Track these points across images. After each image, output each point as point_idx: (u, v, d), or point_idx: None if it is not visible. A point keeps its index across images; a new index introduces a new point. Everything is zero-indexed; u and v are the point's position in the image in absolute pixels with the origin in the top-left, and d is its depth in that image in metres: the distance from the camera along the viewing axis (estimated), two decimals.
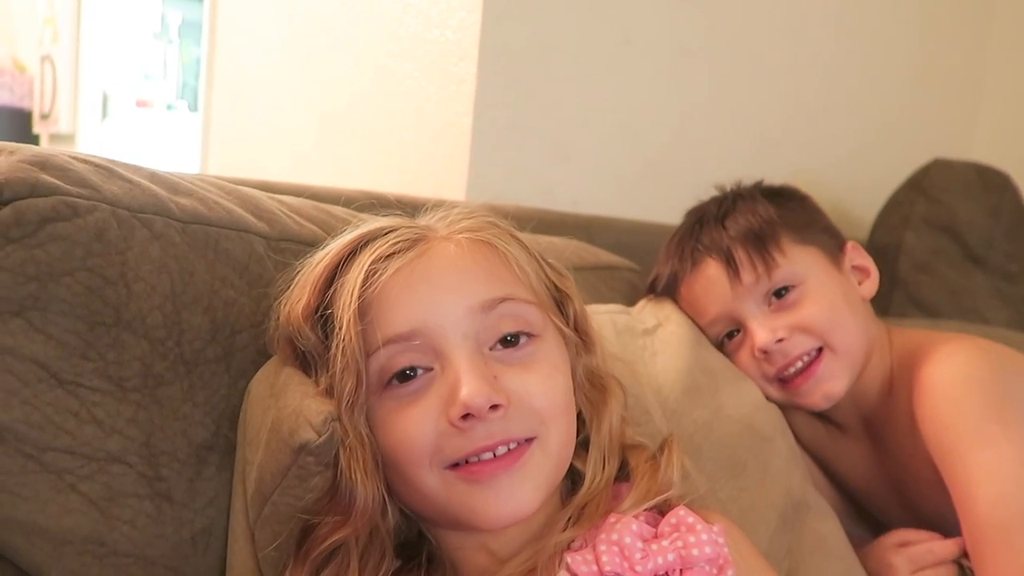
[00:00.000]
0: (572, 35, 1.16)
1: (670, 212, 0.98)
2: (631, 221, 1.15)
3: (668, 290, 0.88)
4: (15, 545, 0.51)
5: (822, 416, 0.90)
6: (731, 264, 0.82)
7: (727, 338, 0.85)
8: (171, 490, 0.56)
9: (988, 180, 1.31)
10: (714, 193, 0.95)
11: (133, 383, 0.54)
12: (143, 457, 0.55)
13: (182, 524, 0.56)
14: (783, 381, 0.83)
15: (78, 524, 0.52)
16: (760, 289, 0.82)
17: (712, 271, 0.83)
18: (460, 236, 0.56)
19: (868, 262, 0.91)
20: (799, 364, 0.82)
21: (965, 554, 0.77)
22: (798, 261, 0.83)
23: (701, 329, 0.85)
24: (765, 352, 0.81)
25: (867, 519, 0.96)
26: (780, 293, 0.82)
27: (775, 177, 1.51)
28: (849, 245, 0.90)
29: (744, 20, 1.39)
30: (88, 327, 0.52)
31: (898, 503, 0.89)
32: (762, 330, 0.81)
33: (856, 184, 1.64)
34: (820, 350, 0.82)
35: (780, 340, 0.81)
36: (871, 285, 0.90)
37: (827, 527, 0.79)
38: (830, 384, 0.82)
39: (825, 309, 0.82)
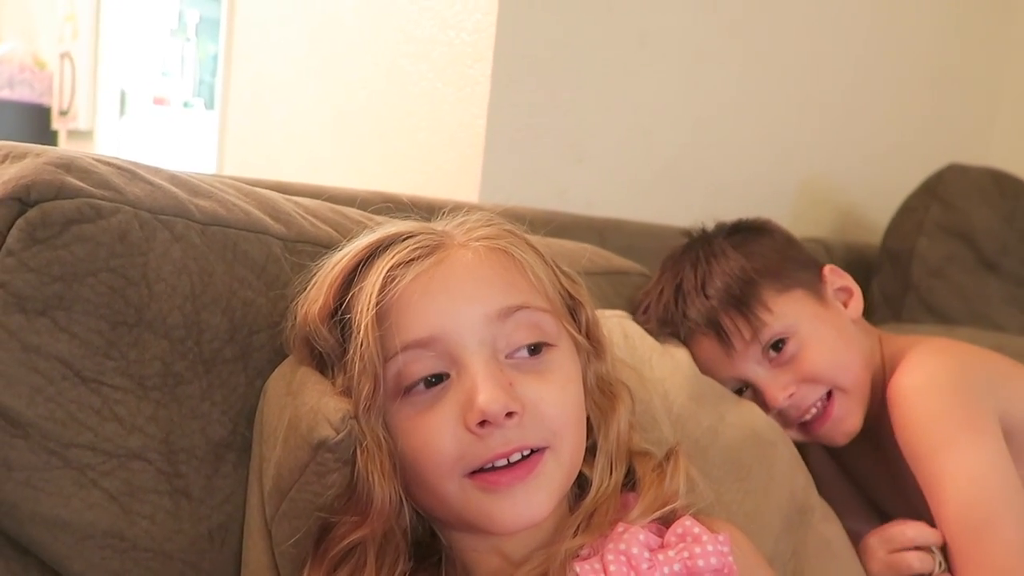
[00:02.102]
0: (587, 37, 1.17)
1: (684, 215, 0.99)
2: (645, 224, 1.16)
3: None
4: (39, 539, 0.53)
5: None
6: (721, 335, 0.83)
7: (736, 393, 0.86)
8: (189, 487, 0.57)
9: (1003, 186, 1.30)
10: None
11: (153, 382, 0.56)
12: (162, 454, 0.56)
13: (199, 520, 0.58)
14: (801, 425, 0.85)
15: (99, 519, 0.53)
16: (754, 350, 0.83)
17: (705, 345, 0.85)
18: (477, 243, 0.57)
19: (848, 281, 0.92)
20: (814, 411, 0.84)
21: (944, 545, 0.78)
22: (785, 313, 0.84)
23: None
24: (779, 411, 0.83)
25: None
26: (777, 346, 0.83)
27: (790, 181, 1.52)
28: (827, 270, 0.91)
29: (760, 24, 1.39)
30: (111, 326, 0.54)
31: (903, 504, 0.90)
32: (771, 389, 0.83)
33: (872, 189, 1.64)
34: (830, 393, 0.84)
35: (791, 395, 0.83)
36: (856, 303, 0.91)
37: (831, 530, 0.80)
38: (847, 423, 0.85)
39: (825, 354, 0.84)
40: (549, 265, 0.60)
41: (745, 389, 0.85)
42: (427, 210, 0.67)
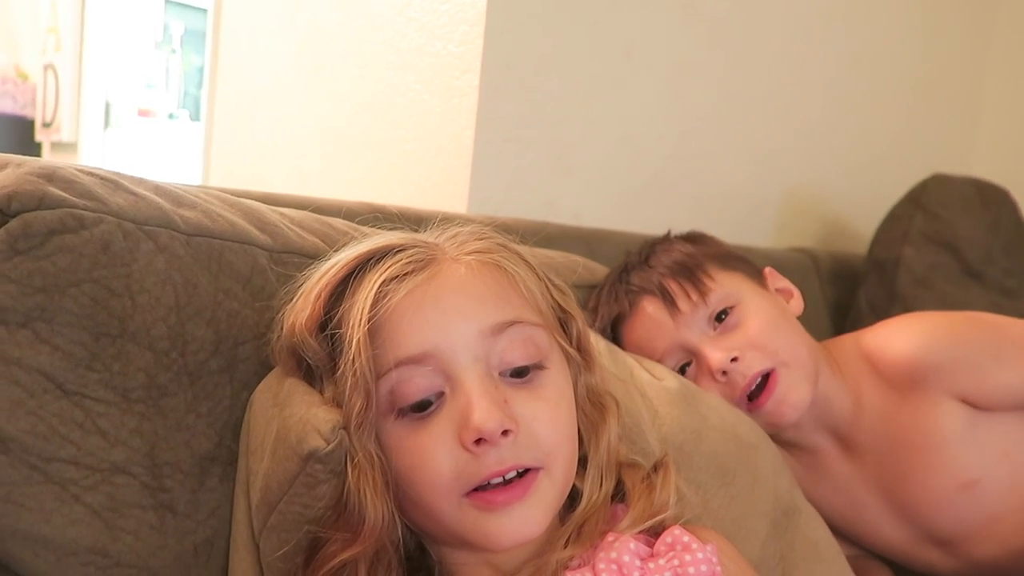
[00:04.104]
0: (574, 49, 1.17)
1: (671, 225, 0.99)
2: (632, 234, 1.16)
3: (609, 338, 0.88)
4: (19, 556, 0.52)
5: (800, 452, 0.91)
6: (666, 297, 0.84)
7: (680, 373, 0.85)
8: (174, 501, 0.56)
9: (986, 196, 1.31)
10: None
11: (137, 394, 0.55)
12: (147, 468, 0.55)
13: (184, 535, 0.57)
14: (748, 406, 0.83)
15: (82, 535, 0.52)
16: (700, 315, 0.83)
17: (650, 308, 0.85)
18: (470, 258, 0.57)
19: (787, 283, 0.94)
20: (759, 381, 0.83)
21: None
22: (728, 284, 0.85)
23: None
24: (724, 373, 0.82)
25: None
26: (720, 317, 0.84)
27: (776, 191, 1.53)
28: (767, 271, 0.93)
29: (745, 35, 1.40)
30: (93, 338, 0.53)
31: (891, 512, 0.90)
32: (715, 351, 0.82)
33: (856, 199, 1.65)
34: (773, 369, 0.83)
35: (734, 359, 0.81)
36: (797, 303, 0.93)
37: (817, 533, 0.80)
38: (793, 395, 0.82)
39: (768, 323, 0.84)
40: (541, 278, 0.60)
41: (687, 365, 0.84)
42: (415, 221, 0.66)
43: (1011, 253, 1.29)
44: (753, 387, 0.82)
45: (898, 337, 0.88)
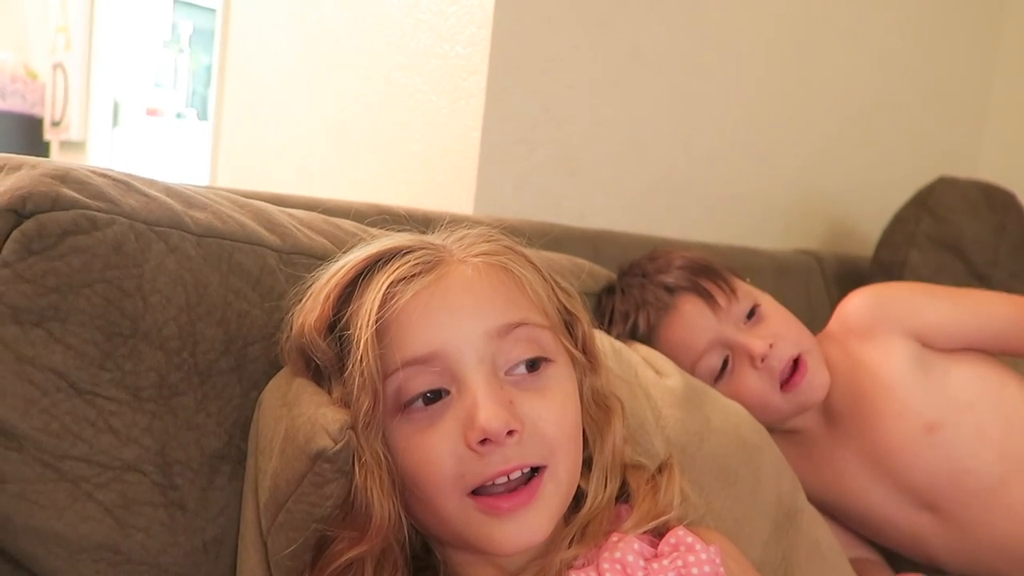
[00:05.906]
0: (581, 51, 1.18)
1: (677, 227, 1.00)
2: (638, 235, 1.16)
3: (645, 340, 0.91)
4: (32, 552, 0.52)
5: (785, 435, 0.94)
6: (703, 294, 0.89)
7: (718, 376, 0.89)
8: (184, 499, 0.57)
9: (993, 198, 1.31)
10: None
11: (149, 393, 0.56)
12: (157, 466, 0.56)
13: (194, 532, 0.57)
14: (781, 386, 0.90)
15: (94, 532, 0.53)
16: (735, 312, 0.90)
17: (690, 306, 0.90)
18: (477, 259, 0.57)
19: None
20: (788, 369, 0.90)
21: None
22: (742, 285, 0.92)
23: (690, 371, 0.88)
24: (763, 359, 0.88)
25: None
26: (749, 315, 0.91)
27: (782, 193, 1.53)
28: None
29: (751, 38, 1.41)
30: (106, 338, 0.54)
31: (871, 472, 0.94)
32: (755, 340, 0.88)
33: (862, 201, 1.65)
34: (799, 355, 0.91)
35: (771, 345, 0.88)
36: None
37: (819, 533, 0.80)
38: (821, 374, 0.91)
39: (786, 316, 0.93)
40: (547, 280, 0.60)
41: (725, 365, 0.89)
42: (423, 222, 0.67)
43: (1017, 256, 1.29)
44: (787, 373, 0.89)
45: (850, 298, 0.99)
